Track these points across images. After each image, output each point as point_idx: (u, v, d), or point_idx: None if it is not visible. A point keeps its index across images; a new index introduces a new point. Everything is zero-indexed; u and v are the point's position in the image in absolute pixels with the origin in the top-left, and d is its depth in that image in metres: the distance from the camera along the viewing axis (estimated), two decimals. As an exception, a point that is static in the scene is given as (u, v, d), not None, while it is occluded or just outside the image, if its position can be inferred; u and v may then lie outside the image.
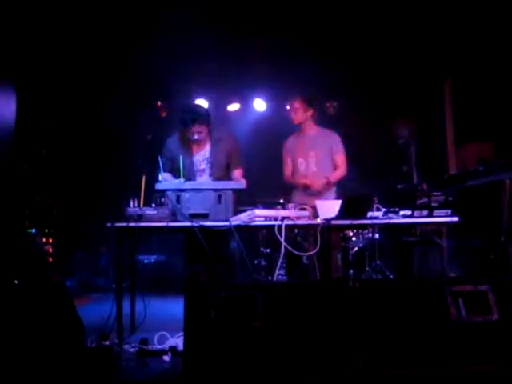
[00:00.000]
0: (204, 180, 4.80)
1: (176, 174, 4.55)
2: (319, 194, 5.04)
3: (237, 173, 4.81)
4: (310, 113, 5.26)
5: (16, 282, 3.17)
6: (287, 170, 5.37)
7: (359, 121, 7.13)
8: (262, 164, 6.81)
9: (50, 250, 6.61)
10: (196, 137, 4.71)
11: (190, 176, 4.79)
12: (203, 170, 4.87)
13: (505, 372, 2.90)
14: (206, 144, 4.84)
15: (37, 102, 6.51)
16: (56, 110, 7.20)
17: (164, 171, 4.59)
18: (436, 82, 7.56)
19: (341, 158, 5.26)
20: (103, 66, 7.51)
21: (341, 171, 5.25)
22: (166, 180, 4.48)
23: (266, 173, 6.73)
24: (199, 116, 4.70)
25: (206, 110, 5.07)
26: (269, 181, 6.75)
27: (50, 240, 6.66)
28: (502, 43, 5.76)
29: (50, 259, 6.57)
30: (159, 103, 8.10)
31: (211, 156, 4.82)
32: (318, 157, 5.24)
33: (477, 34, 6.18)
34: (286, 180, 5.38)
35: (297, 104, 5.26)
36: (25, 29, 5.76)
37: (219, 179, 4.67)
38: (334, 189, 5.25)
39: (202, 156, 4.84)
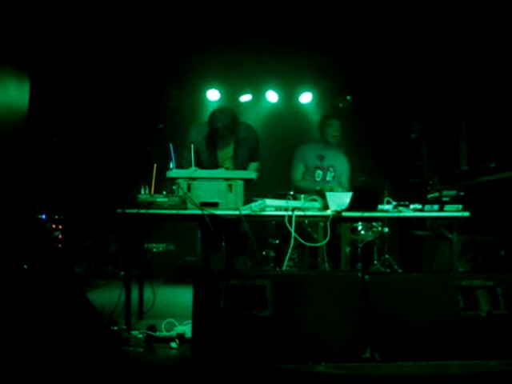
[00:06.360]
0: None
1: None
2: None
3: (252, 166, 4.81)
4: None
5: (25, 266, 3.18)
6: None
7: (371, 114, 7.11)
8: (273, 155, 6.80)
9: (60, 236, 6.64)
10: (222, 144, 4.72)
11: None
12: (227, 169, 4.90)
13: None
14: (231, 142, 4.84)
15: (49, 90, 6.53)
16: (68, 98, 7.22)
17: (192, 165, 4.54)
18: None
19: None
20: (116, 54, 7.52)
21: None
22: None
23: (276, 164, 6.73)
24: (227, 131, 4.62)
25: (233, 118, 4.71)
26: (279, 172, 6.75)
27: (60, 226, 6.69)
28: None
29: (60, 245, 6.60)
30: (171, 92, 8.11)
31: (235, 155, 4.82)
32: None
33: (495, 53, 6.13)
34: None
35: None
36: (38, 17, 5.77)
37: None
38: None
39: (226, 154, 4.83)
